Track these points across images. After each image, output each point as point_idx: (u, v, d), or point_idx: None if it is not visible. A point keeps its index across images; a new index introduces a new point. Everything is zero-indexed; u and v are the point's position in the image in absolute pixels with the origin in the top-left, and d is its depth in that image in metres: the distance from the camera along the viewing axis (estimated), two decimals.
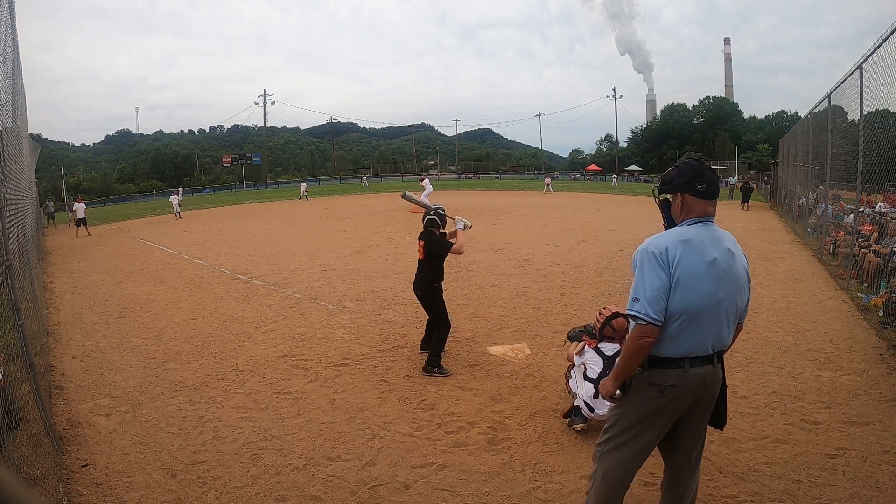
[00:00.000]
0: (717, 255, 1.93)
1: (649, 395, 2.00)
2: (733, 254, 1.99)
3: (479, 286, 7.51)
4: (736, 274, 1.97)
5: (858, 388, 3.92)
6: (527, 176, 63.85)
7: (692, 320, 1.91)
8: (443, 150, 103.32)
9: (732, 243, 2.03)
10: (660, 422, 2.04)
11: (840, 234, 9.05)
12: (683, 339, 1.93)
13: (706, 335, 1.94)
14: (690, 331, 1.92)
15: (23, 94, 7.98)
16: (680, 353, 1.94)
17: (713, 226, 2.01)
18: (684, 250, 1.91)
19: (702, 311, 1.90)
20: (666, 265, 1.90)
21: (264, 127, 67.01)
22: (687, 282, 1.89)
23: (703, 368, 1.97)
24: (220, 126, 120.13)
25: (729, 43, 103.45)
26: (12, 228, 4.63)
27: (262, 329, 5.82)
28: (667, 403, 1.99)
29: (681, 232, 1.97)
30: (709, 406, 2.07)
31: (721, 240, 1.99)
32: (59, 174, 53.91)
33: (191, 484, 2.91)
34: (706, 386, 2.00)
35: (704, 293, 1.90)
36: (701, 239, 1.94)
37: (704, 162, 2.05)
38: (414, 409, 3.77)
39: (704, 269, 1.90)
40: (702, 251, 1.92)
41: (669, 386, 1.96)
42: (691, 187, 1.98)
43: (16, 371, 3.51)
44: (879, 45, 5.94)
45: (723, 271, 1.93)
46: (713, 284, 1.91)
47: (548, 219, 16.91)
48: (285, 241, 13.36)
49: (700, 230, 1.97)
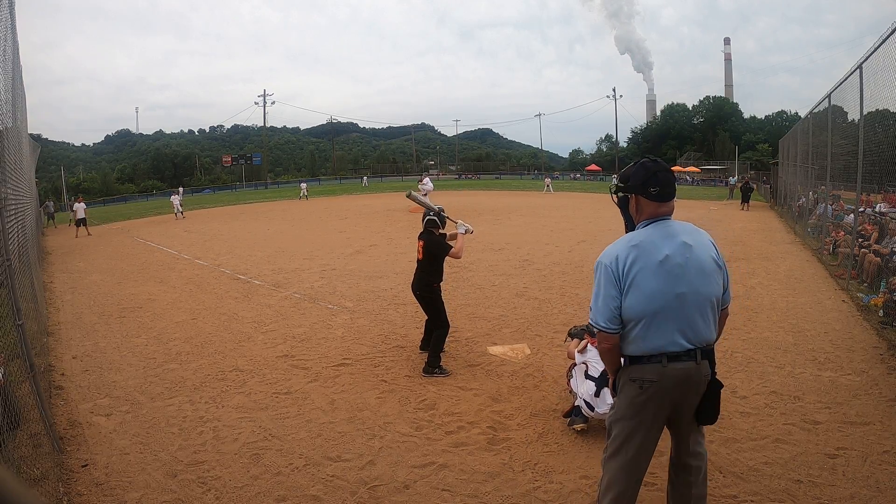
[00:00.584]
0: (670, 251, 1.96)
1: (632, 391, 2.05)
2: (690, 245, 1.99)
3: (479, 286, 7.51)
4: (697, 264, 1.97)
5: (858, 388, 3.92)
6: (527, 176, 63.85)
7: (655, 318, 1.96)
8: (443, 150, 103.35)
9: (690, 234, 2.03)
10: (647, 420, 2.06)
11: (840, 234, 9.05)
12: (652, 337, 1.97)
13: (674, 330, 1.96)
14: (656, 327, 1.96)
15: (23, 94, 7.98)
16: (651, 350, 1.98)
17: (668, 222, 2.03)
18: (635, 255, 1.97)
19: (662, 309, 1.95)
20: (617, 274, 1.98)
21: (264, 127, 67.00)
22: (640, 284, 1.95)
23: (684, 364, 1.98)
24: (220, 126, 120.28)
25: (729, 43, 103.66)
26: (12, 228, 4.63)
27: (262, 329, 5.82)
28: (649, 399, 2.02)
29: (631, 237, 2.04)
30: (693, 404, 2.07)
31: (675, 235, 2.00)
32: (59, 174, 53.97)
33: (191, 484, 2.91)
34: (690, 382, 2.01)
35: (660, 291, 1.94)
36: (652, 240, 1.99)
37: (661, 163, 2.07)
38: (414, 409, 3.77)
39: (656, 268, 1.95)
40: (652, 252, 1.96)
41: (649, 380, 2.00)
42: (644, 190, 2.02)
43: (16, 371, 3.51)
44: (879, 45, 5.94)
45: (679, 266, 1.95)
46: (668, 282, 1.94)
47: (548, 219, 16.91)
48: (285, 241, 13.36)
49: (652, 230, 2.02)
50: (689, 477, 2.19)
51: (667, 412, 2.07)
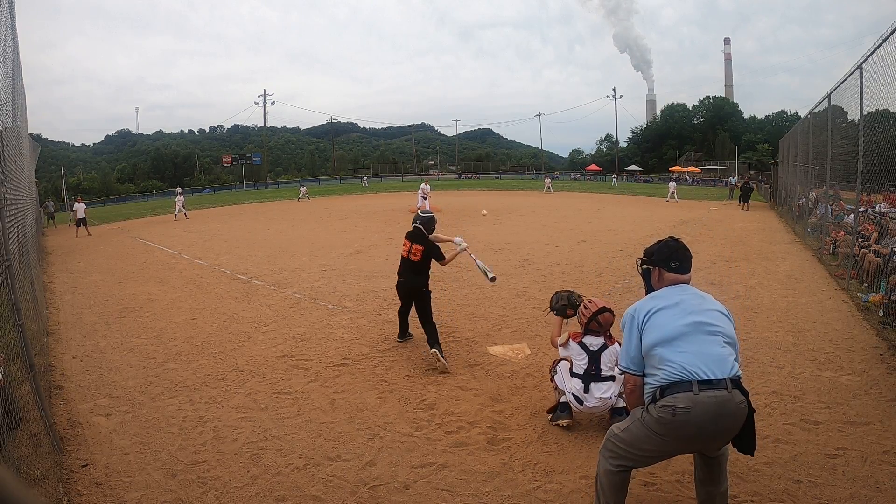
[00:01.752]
0: (684, 297, 2.25)
1: (663, 417, 2.07)
2: (702, 297, 2.27)
3: (479, 286, 7.51)
4: (710, 305, 2.23)
5: (858, 388, 3.92)
6: (527, 176, 63.85)
7: (674, 341, 2.12)
8: (443, 150, 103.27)
9: (702, 293, 2.31)
10: (673, 445, 2.14)
11: (840, 234, 9.05)
12: (673, 359, 2.09)
13: (695, 355, 2.08)
14: (676, 349, 2.11)
15: (23, 94, 7.98)
16: (679, 373, 2.06)
17: (684, 286, 2.32)
18: (653, 302, 2.27)
19: (680, 334, 2.13)
20: (639, 320, 2.24)
21: (264, 127, 67.00)
22: (657, 319, 2.20)
23: (716, 392, 2.00)
24: (220, 126, 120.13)
25: (729, 43, 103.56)
26: (12, 228, 4.63)
27: (262, 329, 5.82)
28: (681, 426, 2.04)
29: (652, 294, 2.35)
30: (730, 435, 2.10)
31: (687, 289, 2.29)
32: (59, 174, 53.97)
33: (191, 484, 2.91)
34: (724, 412, 2.01)
35: (677, 318, 2.16)
36: (667, 292, 2.30)
37: (681, 242, 2.38)
38: (414, 409, 3.77)
39: (672, 306, 2.21)
40: (668, 297, 2.26)
41: (681, 408, 2.02)
42: (667, 264, 2.33)
43: (16, 371, 3.51)
44: (879, 45, 5.94)
45: (691, 304, 2.21)
46: (684, 312, 2.18)
47: (548, 219, 16.91)
48: (285, 241, 13.36)
49: (668, 289, 2.32)
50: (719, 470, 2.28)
51: (696, 446, 2.18)
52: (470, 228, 14.53)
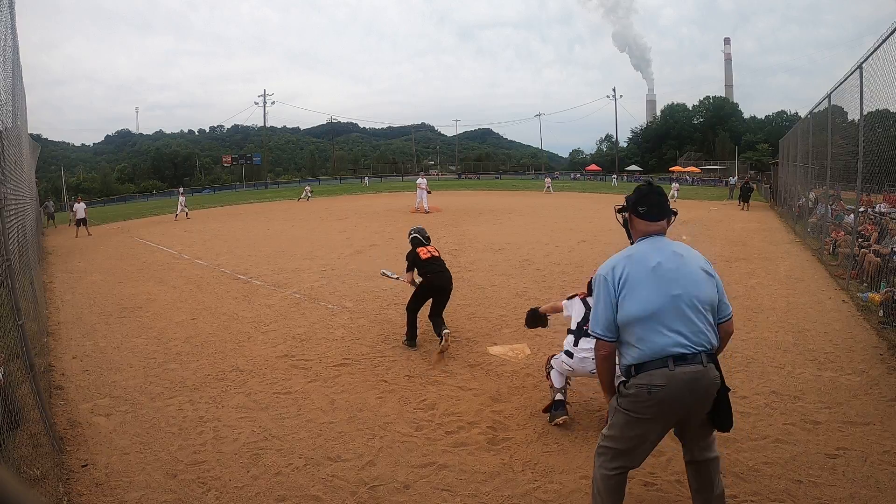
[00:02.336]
0: (661, 259, 2.11)
1: (638, 397, 2.07)
2: (681, 255, 2.14)
3: (479, 286, 7.51)
4: (689, 271, 2.10)
5: (858, 388, 3.92)
6: (527, 176, 63.83)
7: (652, 319, 2.05)
8: (443, 150, 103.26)
9: (680, 247, 2.19)
10: (654, 426, 2.11)
11: (840, 234, 9.05)
12: (652, 338, 2.04)
13: (674, 330, 2.03)
14: (655, 328, 2.04)
15: (23, 94, 7.97)
16: (655, 353, 2.03)
17: (660, 238, 2.20)
18: (628, 264, 2.13)
19: (658, 310, 2.04)
20: (613, 283, 2.13)
21: (264, 127, 66.96)
22: (635, 289, 2.08)
23: (691, 367, 2.01)
24: (220, 126, 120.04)
25: (729, 43, 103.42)
26: (12, 228, 4.63)
27: (262, 329, 5.82)
28: (658, 404, 2.03)
29: (626, 250, 2.22)
30: (704, 410, 2.10)
31: (667, 246, 2.16)
32: (59, 174, 53.99)
33: (191, 484, 2.91)
34: (699, 386, 2.02)
35: (654, 294, 2.06)
36: (644, 251, 2.16)
37: (655, 187, 2.27)
38: (414, 409, 3.77)
39: (649, 273, 2.09)
40: (645, 260, 2.12)
41: (657, 386, 2.02)
42: (635, 209, 2.22)
43: (16, 371, 3.51)
44: (879, 44, 5.94)
45: (670, 271, 2.08)
46: (661, 284, 2.07)
47: (548, 219, 16.91)
48: (285, 241, 13.36)
49: (644, 244, 2.19)
50: (711, 475, 2.23)
51: (675, 419, 2.11)
52: (470, 229, 14.53)
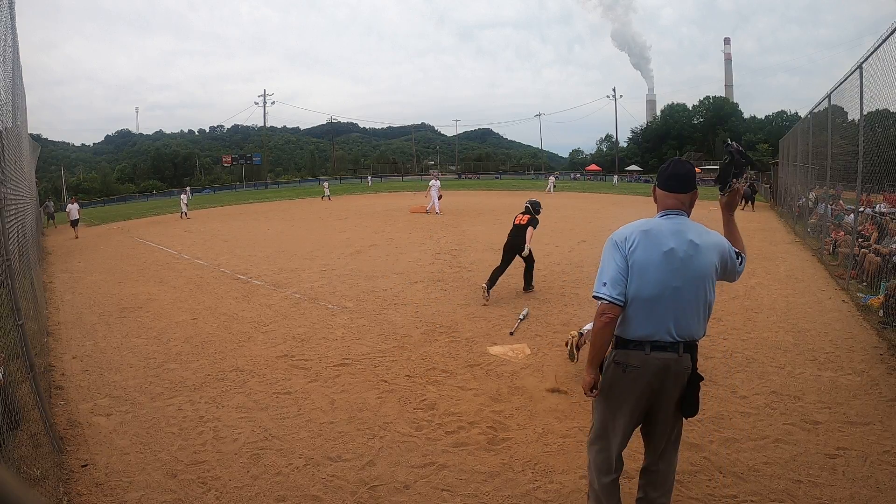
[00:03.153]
0: (675, 245, 2.04)
1: (615, 374, 2.15)
2: (697, 245, 2.05)
3: (479, 286, 7.50)
4: (698, 265, 2.04)
5: (858, 388, 3.92)
6: (527, 176, 63.81)
7: (647, 305, 2.04)
8: (443, 150, 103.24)
9: (699, 235, 2.08)
10: (627, 402, 2.15)
11: (840, 234, 9.05)
12: (640, 322, 2.06)
13: (664, 321, 2.04)
14: (646, 315, 2.05)
15: (23, 94, 7.97)
16: (639, 336, 2.07)
17: (681, 218, 2.12)
18: (642, 239, 2.06)
19: (657, 297, 2.03)
20: (623, 251, 2.08)
21: (264, 127, 67.01)
22: (641, 269, 2.04)
23: (666, 354, 2.07)
24: (220, 126, 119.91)
25: (729, 43, 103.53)
26: (12, 228, 4.63)
27: (262, 329, 5.82)
28: (631, 383, 2.11)
29: (645, 222, 2.14)
30: (673, 395, 2.14)
31: (684, 231, 2.07)
32: (59, 174, 53.98)
33: (191, 484, 2.91)
34: (669, 372, 2.08)
35: (658, 280, 2.03)
36: (661, 230, 2.08)
37: (681, 161, 2.21)
38: (414, 409, 3.77)
39: (659, 258, 2.03)
40: (659, 241, 2.05)
41: (632, 366, 2.09)
42: (660, 180, 2.17)
43: (16, 371, 3.51)
44: (879, 45, 5.94)
45: (680, 261, 2.03)
46: (667, 273, 2.03)
47: (548, 219, 16.86)
48: (285, 241, 13.36)
49: (664, 221, 2.11)
50: (654, 492, 2.25)
51: (647, 399, 2.14)
52: (470, 229, 14.53)
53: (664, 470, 2.25)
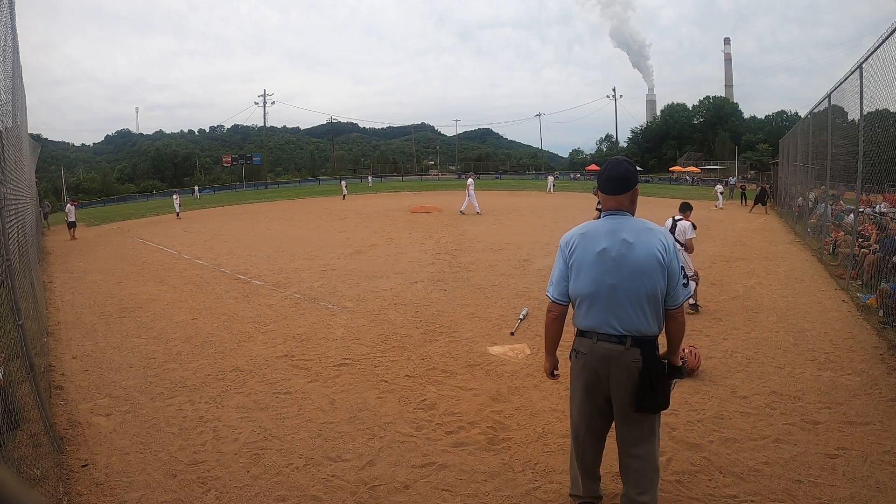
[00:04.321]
0: (608, 244, 2.15)
1: (573, 360, 2.33)
2: (630, 243, 2.13)
3: (479, 286, 7.51)
4: (631, 262, 2.12)
5: (858, 388, 3.92)
6: (527, 176, 63.81)
7: (587, 301, 2.20)
8: (443, 150, 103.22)
9: (635, 233, 2.15)
10: (579, 386, 2.31)
11: (840, 234, 9.05)
12: (590, 316, 2.21)
13: (604, 315, 2.17)
14: (588, 309, 2.21)
15: (23, 94, 7.97)
16: (586, 327, 2.24)
17: (620, 218, 2.20)
18: (579, 241, 2.22)
19: (594, 294, 2.17)
20: (565, 254, 2.26)
21: (264, 127, 66.99)
22: (577, 268, 2.21)
23: (610, 345, 2.18)
24: (220, 126, 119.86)
25: (729, 43, 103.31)
26: (12, 228, 4.63)
27: (262, 329, 5.82)
28: (581, 368, 2.27)
29: (585, 225, 2.29)
30: (627, 388, 2.18)
31: (618, 231, 2.16)
32: (59, 174, 53.92)
33: (191, 484, 2.91)
34: (613, 362, 2.18)
35: (592, 279, 2.17)
36: (596, 231, 2.21)
37: (619, 160, 2.27)
38: (414, 409, 3.77)
39: (593, 258, 2.17)
40: (593, 242, 2.19)
41: (582, 353, 2.26)
42: (599, 183, 2.26)
43: (16, 371, 3.51)
44: (879, 45, 5.94)
45: (612, 260, 2.14)
46: (600, 271, 2.15)
47: (548, 219, 16.91)
48: (285, 241, 13.36)
49: (601, 223, 2.23)
50: (632, 489, 2.26)
51: (600, 386, 2.24)
52: (470, 229, 14.54)
53: (638, 467, 2.25)
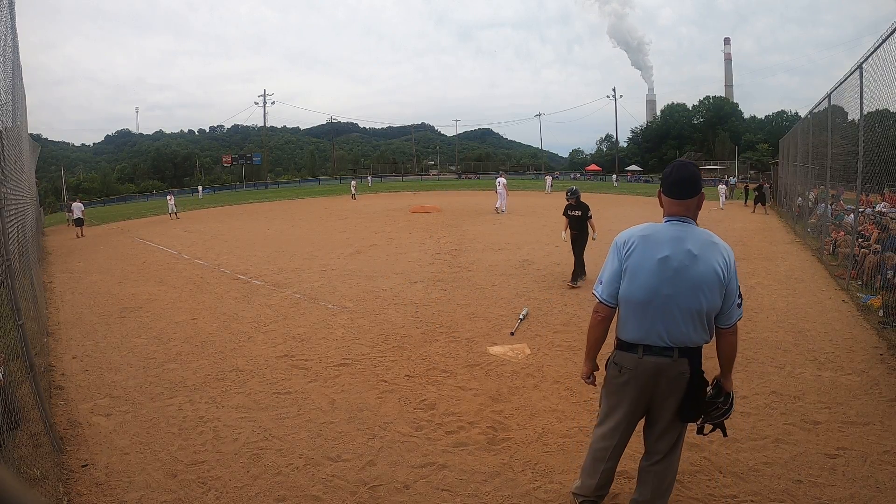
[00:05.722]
0: (670, 253, 2.05)
1: (613, 373, 2.23)
2: (694, 255, 2.03)
3: (479, 286, 7.51)
4: (692, 275, 2.03)
5: (858, 388, 3.92)
6: (527, 176, 63.80)
7: (639, 309, 2.09)
8: (443, 150, 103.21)
9: (699, 246, 2.05)
10: (624, 401, 2.21)
11: (840, 234, 9.05)
12: (633, 325, 2.12)
13: (654, 325, 2.08)
14: (638, 318, 2.10)
15: (23, 94, 7.98)
16: (632, 339, 2.14)
17: (685, 225, 2.10)
18: (640, 244, 2.10)
19: (647, 302, 2.07)
20: (621, 254, 2.13)
21: (264, 127, 67.03)
22: (633, 273, 2.09)
23: (658, 358, 2.10)
24: (219, 126, 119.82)
25: (729, 43, 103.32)
26: (12, 228, 4.63)
27: (262, 329, 5.82)
28: (625, 384, 2.18)
29: (646, 226, 2.16)
30: (671, 399, 2.15)
31: (683, 240, 2.06)
32: (59, 174, 53.93)
33: (191, 484, 2.91)
34: (661, 376, 2.11)
35: (647, 286, 2.06)
36: (660, 236, 2.09)
37: (684, 163, 2.17)
38: (414, 409, 3.77)
39: (653, 264, 2.06)
40: (655, 248, 2.07)
41: (626, 368, 2.16)
42: (664, 186, 2.15)
43: (16, 371, 3.51)
44: (879, 45, 5.94)
45: (672, 269, 2.04)
46: (657, 279, 2.05)
47: (548, 219, 16.89)
48: (285, 241, 13.36)
49: (665, 228, 2.12)
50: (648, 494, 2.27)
51: (645, 400, 2.18)
52: (470, 229, 14.53)
53: (659, 472, 2.25)
